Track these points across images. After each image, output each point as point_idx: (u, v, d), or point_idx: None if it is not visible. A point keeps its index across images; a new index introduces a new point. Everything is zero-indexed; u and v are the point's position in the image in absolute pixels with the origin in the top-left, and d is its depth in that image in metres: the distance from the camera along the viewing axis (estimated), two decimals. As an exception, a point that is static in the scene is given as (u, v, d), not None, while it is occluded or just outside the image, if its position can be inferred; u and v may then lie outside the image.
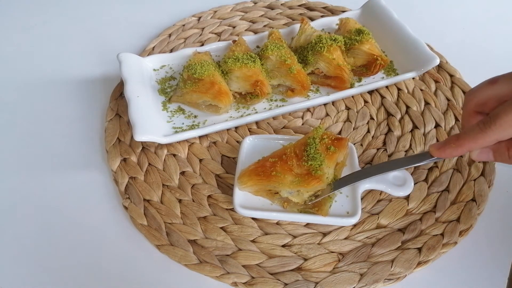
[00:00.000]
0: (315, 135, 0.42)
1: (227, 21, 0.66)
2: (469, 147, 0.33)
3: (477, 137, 0.32)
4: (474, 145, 0.33)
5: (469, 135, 0.33)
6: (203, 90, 0.49)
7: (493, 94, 0.34)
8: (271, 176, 0.40)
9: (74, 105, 0.55)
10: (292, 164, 0.40)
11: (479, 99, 0.35)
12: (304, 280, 0.38)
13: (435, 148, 0.36)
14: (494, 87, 0.34)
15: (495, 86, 0.34)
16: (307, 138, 0.42)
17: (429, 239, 0.41)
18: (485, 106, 0.35)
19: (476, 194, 0.44)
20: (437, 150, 0.35)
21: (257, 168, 0.41)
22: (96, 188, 0.47)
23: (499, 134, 0.31)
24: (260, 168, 0.41)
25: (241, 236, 0.41)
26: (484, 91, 0.34)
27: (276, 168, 0.40)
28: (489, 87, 0.34)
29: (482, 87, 0.35)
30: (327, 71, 0.52)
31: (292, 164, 0.40)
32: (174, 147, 0.49)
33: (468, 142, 0.33)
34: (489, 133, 0.31)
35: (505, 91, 0.33)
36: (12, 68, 0.61)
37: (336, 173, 0.42)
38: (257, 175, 0.40)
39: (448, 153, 0.35)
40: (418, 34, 0.55)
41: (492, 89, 0.34)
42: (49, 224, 0.44)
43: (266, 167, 0.40)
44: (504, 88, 0.33)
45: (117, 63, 0.53)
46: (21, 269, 0.40)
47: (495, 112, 0.31)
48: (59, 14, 0.70)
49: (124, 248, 0.42)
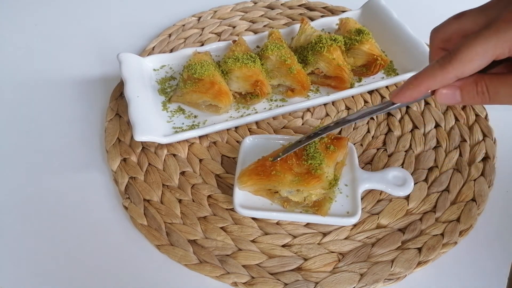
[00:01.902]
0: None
1: (227, 21, 0.66)
2: (427, 86, 0.31)
3: (436, 73, 0.30)
4: (433, 83, 0.30)
5: (427, 72, 0.30)
6: (203, 90, 0.49)
7: (458, 28, 0.32)
8: (271, 175, 0.40)
9: (74, 105, 0.55)
10: (292, 163, 0.40)
11: (444, 35, 0.33)
12: (304, 280, 0.38)
13: (394, 93, 0.33)
14: (459, 21, 0.32)
15: (460, 21, 0.32)
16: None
17: (429, 239, 0.41)
18: (450, 42, 0.33)
19: (476, 194, 0.44)
20: (396, 95, 0.33)
21: (257, 168, 0.41)
22: (96, 188, 0.47)
23: (459, 69, 0.29)
24: (260, 168, 0.41)
25: (241, 236, 0.41)
26: (449, 26, 0.33)
27: (276, 167, 0.40)
28: (454, 22, 0.33)
29: (447, 22, 0.33)
30: (327, 71, 0.52)
31: (292, 163, 0.40)
32: (174, 147, 0.49)
33: (427, 80, 0.30)
34: (448, 68, 0.29)
35: (470, 25, 0.31)
36: (12, 68, 0.61)
37: (336, 173, 0.42)
38: (257, 175, 0.40)
39: (408, 95, 0.32)
40: (418, 34, 0.55)
41: (457, 24, 0.32)
42: (49, 224, 0.44)
43: (266, 167, 0.40)
44: (469, 23, 0.32)
45: (117, 63, 0.53)
46: (21, 269, 0.40)
47: (455, 46, 0.29)
48: (59, 14, 0.70)
49: (124, 248, 0.42)
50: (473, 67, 0.29)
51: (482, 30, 0.28)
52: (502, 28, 0.28)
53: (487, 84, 0.30)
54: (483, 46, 0.28)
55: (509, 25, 0.27)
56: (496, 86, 0.30)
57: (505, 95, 0.30)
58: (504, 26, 0.28)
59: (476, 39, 0.28)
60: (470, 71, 0.29)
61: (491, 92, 0.30)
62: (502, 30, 0.28)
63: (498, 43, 0.28)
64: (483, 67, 0.29)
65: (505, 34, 0.27)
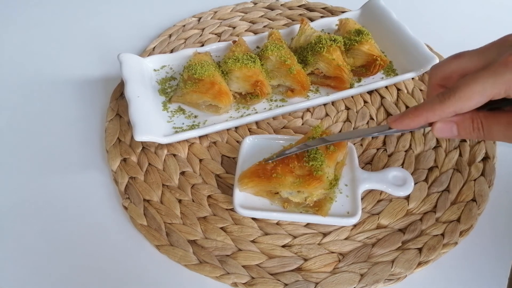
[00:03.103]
0: (315, 135, 0.42)
1: (227, 21, 0.66)
2: (426, 118, 0.33)
3: (435, 107, 0.32)
4: (431, 115, 0.33)
5: (427, 105, 0.32)
6: (203, 90, 0.49)
7: (457, 68, 0.34)
8: (271, 177, 0.40)
9: (74, 105, 0.55)
10: (294, 166, 0.40)
11: (443, 73, 0.35)
12: (304, 280, 0.38)
13: (393, 119, 0.35)
14: (458, 61, 0.34)
15: (460, 61, 0.34)
16: (307, 139, 0.42)
17: (429, 239, 0.41)
18: (449, 80, 0.35)
19: (476, 194, 0.44)
20: (394, 122, 0.35)
21: (258, 170, 0.41)
22: (96, 188, 0.47)
23: (457, 106, 0.31)
24: (261, 170, 0.41)
25: (241, 236, 0.41)
26: (449, 65, 0.34)
27: (277, 170, 0.40)
28: (454, 61, 0.34)
29: (446, 61, 0.35)
30: (327, 72, 0.52)
31: (293, 166, 0.40)
32: (174, 147, 0.49)
33: (426, 112, 0.32)
34: (447, 103, 0.31)
35: (469, 65, 0.33)
36: (12, 68, 0.61)
37: (336, 173, 0.42)
38: (258, 177, 0.40)
39: (406, 124, 0.34)
40: (417, 34, 0.55)
41: (456, 63, 0.34)
42: (49, 224, 0.44)
43: (267, 170, 0.40)
44: (468, 63, 0.33)
45: (117, 63, 0.53)
46: (21, 269, 0.40)
47: (455, 84, 0.31)
48: (60, 14, 0.70)
49: (124, 248, 0.42)
50: (471, 104, 0.31)
51: (481, 71, 0.31)
52: (499, 70, 0.30)
53: (482, 122, 0.33)
54: (481, 86, 0.30)
55: (505, 68, 0.29)
56: (490, 124, 0.32)
57: (498, 133, 0.32)
58: (501, 69, 0.30)
59: (475, 79, 0.30)
60: (468, 108, 0.31)
61: (485, 129, 0.33)
62: (499, 72, 0.30)
63: (495, 84, 0.30)
64: (481, 105, 0.31)
65: (502, 76, 0.29)
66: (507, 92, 0.30)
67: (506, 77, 0.29)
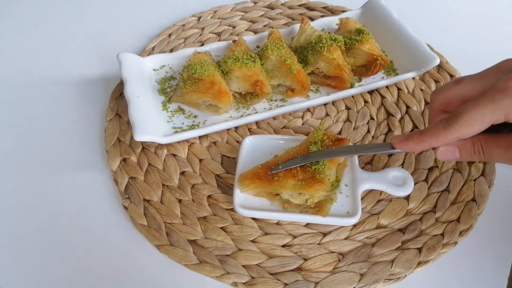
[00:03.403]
0: (316, 139, 0.42)
1: (227, 21, 0.66)
2: (430, 143, 0.34)
3: (439, 133, 0.33)
4: (435, 142, 0.34)
5: (432, 131, 0.34)
6: (203, 90, 0.49)
7: (457, 94, 0.35)
8: (273, 180, 0.40)
9: (74, 105, 0.55)
10: (297, 171, 0.40)
11: (444, 99, 0.36)
12: (304, 280, 0.38)
13: (397, 140, 0.36)
14: (458, 87, 0.35)
15: (460, 86, 0.35)
16: (309, 143, 0.42)
17: (429, 239, 0.41)
18: (450, 105, 0.35)
19: (476, 194, 0.44)
20: (399, 143, 0.36)
21: (259, 173, 0.41)
22: (96, 188, 0.47)
23: (460, 132, 0.32)
24: (262, 173, 0.41)
25: (241, 236, 0.41)
26: (449, 91, 0.35)
27: (279, 173, 0.40)
28: (454, 87, 0.35)
29: (447, 87, 0.36)
30: (327, 71, 0.52)
31: (296, 171, 0.40)
32: (174, 147, 0.49)
33: (430, 138, 0.34)
34: (451, 130, 0.32)
35: (469, 91, 0.34)
36: (12, 68, 0.61)
37: (337, 174, 0.42)
38: (259, 179, 0.40)
39: (410, 147, 0.35)
40: (418, 34, 0.55)
41: (456, 89, 0.35)
42: (48, 224, 0.44)
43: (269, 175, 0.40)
44: (467, 88, 0.34)
45: (117, 63, 0.53)
46: (21, 269, 0.40)
47: (457, 110, 0.32)
48: (59, 14, 0.70)
49: (124, 248, 0.42)
50: (473, 130, 0.32)
51: (480, 97, 0.32)
52: (497, 97, 0.31)
53: (482, 145, 0.34)
54: (481, 112, 0.31)
55: (503, 95, 0.30)
56: (490, 147, 0.33)
57: (498, 156, 0.34)
58: (498, 95, 0.31)
59: (475, 106, 0.31)
60: (471, 134, 0.32)
61: (486, 152, 0.34)
62: (497, 99, 0.31)
63: (494, 111, 0.31)
64: (483, 130, 0.32)
65: (500, 102, 0.30)
66: (506, 117, 0.31)
67: (504, 103, 0.30)
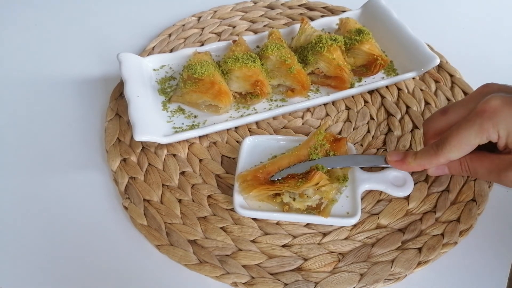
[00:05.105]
0: (316, 144, 0.42)
1: (227, 21, 0.66)
2: (423, 166, 0.38)
3: (432, 158, 0.36)
4: (428, 166, 0.38)
5: (424, 156, 0.37)
6: (203, 90, 0.49)
7: (445, 124, 0.38)
8: (274, 183, 0.40)
9: (74, 105, 0.55)
10: (297, 174, 0.40)
11: (434, 129, 0.39)
12: (304, 280, 0.38)
13: (392, 158, 0.39)
14: (445, 117, 0.38)
15: (446, 117, 0.38)
16: (309, 149, 0.42)
17: (429, 239, 0.41)
18: (441, 133, 0.38)
19: (476, 194, 0.44)
20: (394, 162, 0.39)
21: (259, 177, 0.41)
22: (96, 188, 0.47)
23: (450, 155, 0.35)
24: (262, 177, 0.41)
25: (241, 236, 0.41)
26: (437, 121, 0.38)
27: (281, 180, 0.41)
28: (441, 118, 0.38)
29: (434, 118, 0.39)
30: (327, 71, 0.52)
31: (299, 178, 0.40)
32: (174, 147, 0.49)
33: (424, 163, 0.37)
34: (441, 155, 0.36)
35: (455, 119, 0.37)
36: (12, 68, 0.61)
37: (344, 172, 0.42)
38: (260, 184, 0.40)
39: (403, 168, 0.39)
40: (418, 34, 0.55)
41: (443, 120, 0.38)
42: (49, 224, 0.44)
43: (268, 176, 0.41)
44: (454, 117, 0.37)
45: (117, 63, 0.53)
46: (21, 269, 0.40)
47: (444, 136, 0.35)
48: (59, 14, 0.70)
49: (124, 248, 0.42)
50: (461, 153, 0.35)
51: (462, 122, 0.34)
52: (476, 121, 0.33)
53: (468, 164, 0.37)
54: (467, 137, 0.34)
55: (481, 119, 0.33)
56: (475, 167, 0.36)
57: (482, 175, 0.36)
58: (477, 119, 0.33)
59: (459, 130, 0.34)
60: (459, 156, 0.35)
61: (472, 171, 0.37)
62: (475, 123, 0.33)
63: (477, 134, 0.33)
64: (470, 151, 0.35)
65: (480, 126, 0.33)
66: (488, 138, 0.33)
67: (484, 126, 0.33)
